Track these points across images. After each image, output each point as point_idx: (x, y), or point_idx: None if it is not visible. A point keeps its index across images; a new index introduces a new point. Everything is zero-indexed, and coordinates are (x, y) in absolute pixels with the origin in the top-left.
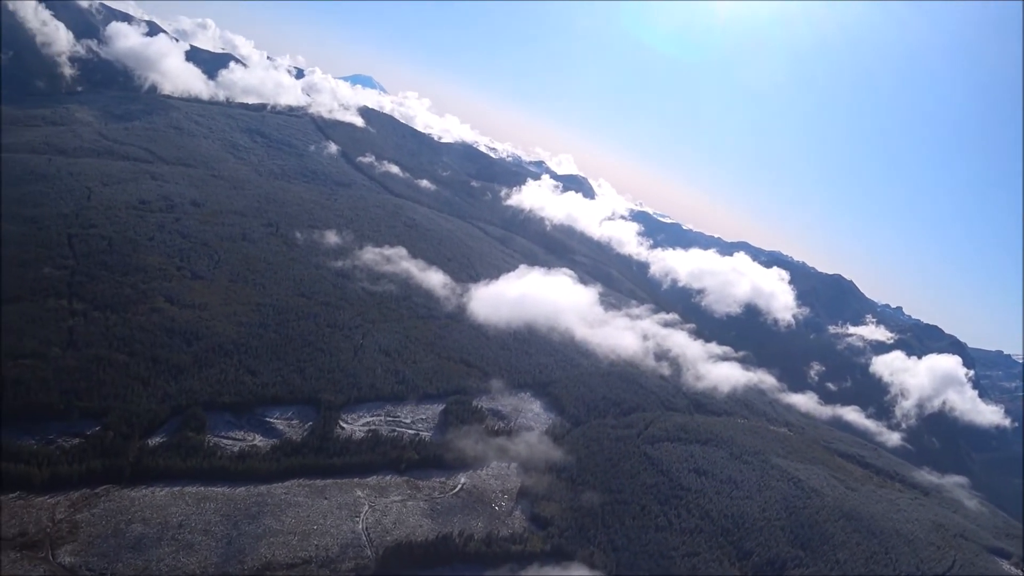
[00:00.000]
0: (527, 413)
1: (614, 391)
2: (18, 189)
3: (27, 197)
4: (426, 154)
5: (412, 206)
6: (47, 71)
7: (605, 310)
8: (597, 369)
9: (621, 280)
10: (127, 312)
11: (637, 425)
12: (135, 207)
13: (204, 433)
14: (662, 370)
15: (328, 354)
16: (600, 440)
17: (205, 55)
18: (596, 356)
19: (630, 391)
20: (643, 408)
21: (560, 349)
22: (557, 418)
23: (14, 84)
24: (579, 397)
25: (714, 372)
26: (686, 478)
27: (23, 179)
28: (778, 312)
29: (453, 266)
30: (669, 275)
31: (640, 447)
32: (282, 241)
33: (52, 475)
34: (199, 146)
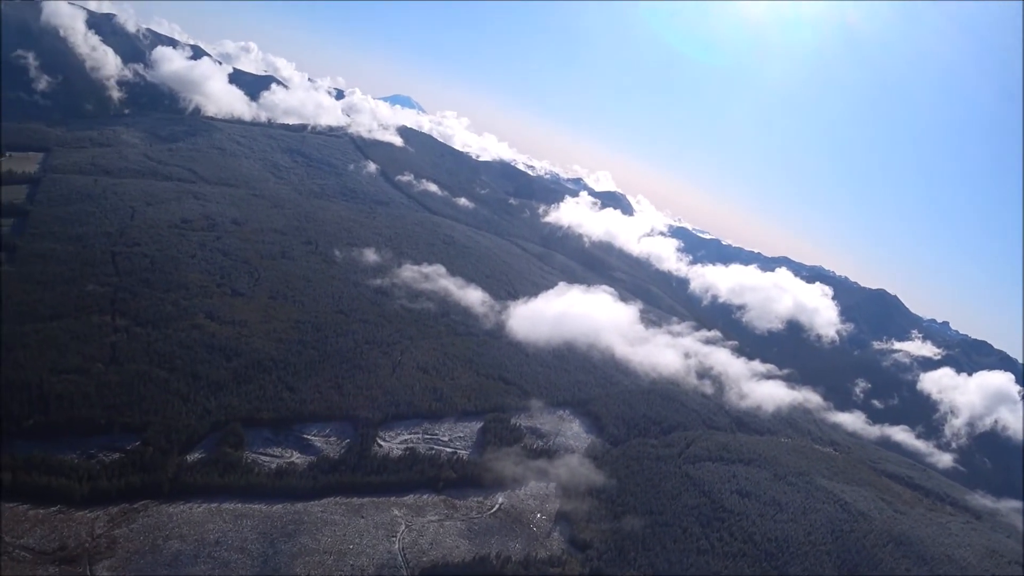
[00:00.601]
0: (566, 431)
1: (654, 409)
2: (65, 208)
3: (73, 216)
4: (464, 172)
5: (450, 224)
6: (96, 94)
7: (646, 327)
8: (637, 387)
9: (661, 296)
10: (168, 328)
11: (678, 444)
12: (177, 226)
13: (242, 449)
14: (704, 389)
15: (366, 371)
16: (640, 460)
17: (248, 77)
18: (636, 374)
19: (671, 409)
20: (684, 427)
21: (600, 367)
22: (596, 437)
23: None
24: (619, 415)
25: (758, 391)
26: (728, 499)
27: (70, 199)
28: (821, 328)
29: (491, 283)
30: (709, 291)
31: (681, 467)
32: (321, 259)
33: (92, 489)
34: (241, 166)
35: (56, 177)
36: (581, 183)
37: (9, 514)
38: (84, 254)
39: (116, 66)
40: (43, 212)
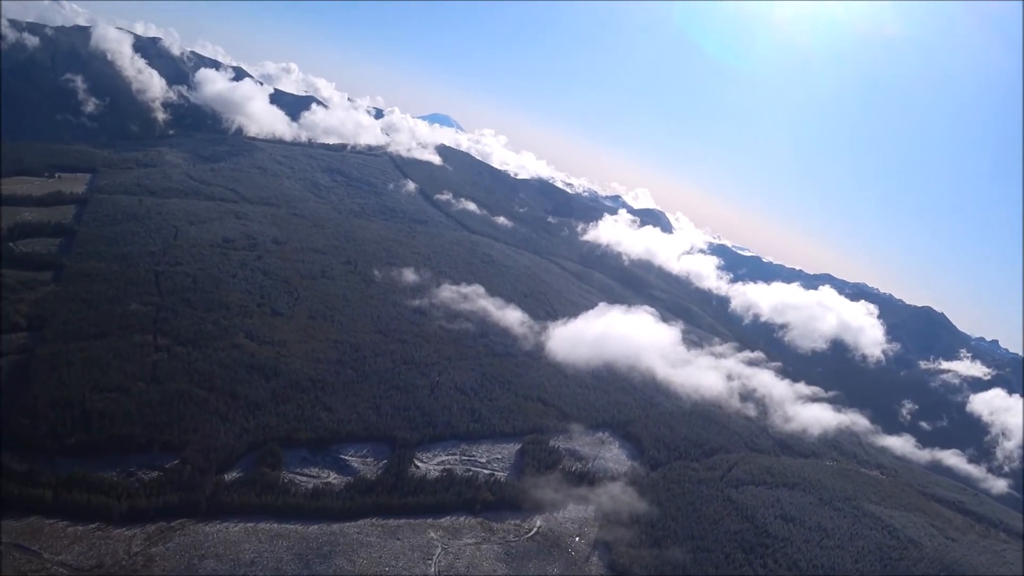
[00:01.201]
0: (605, 454)
1: (696, 431)
2: (110, 228)
3: (118, 236)
4: (502, 191)
5: (489, 243)
6: (142, 116)
7: (687, 348)
8: (678, 409)
9: (701, 315)
10: (208, 348)
11: (720, 467)
12: (219, 245)
13: (280, 469)
14: (748, 411)
15: (404, 391)
16: (681, 483)
17: (289, 98)
18: (678, 396)
19: (712, 431)
20: (726, 449)
21: (640, 388)
22: (636, 459)
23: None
24: (659, 437)
25: (803, 414)
26: (772, 525)
27: (116, 219)
28: (866, 348)
29: (530, 303)
30: (751, 310)
31: (723, 491)
32: (360, 278)
33: (130, 507)
34: (281, 185)
35: (102, 197)
36: (620, 200)
37: (49, 530)
38: (128, 273)
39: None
40: (89, 232)
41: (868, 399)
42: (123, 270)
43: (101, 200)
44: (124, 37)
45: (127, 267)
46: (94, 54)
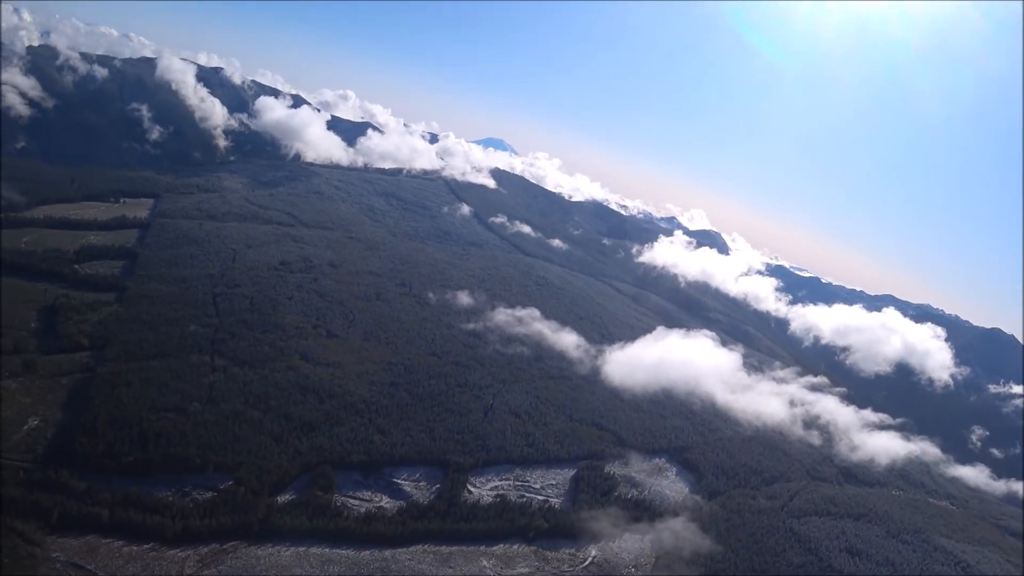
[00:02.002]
0: (662, 481)
1: (755, 458)
2: (171, 251)
3: (179, 259)
4: (557, 213)
5: (544, 265)
6: (204, 143)
7: (748, 374)
8: (738, 435)
9: (759, 338)
10: (264, 369)
11: (781, 496)
12: (276, 268)
13: (332, 492)
14: (812, 439)
15: (458, 415)
16: (741, 512)
17: (345, 124)
18: (738, 422)
19: (773, 458)
20: (787, 477)
21: (698, 413)
22: (694, 487)
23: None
24: (718, 464)
25: (870, 442)
26: (837, 558)
27: (177, 242)
28: (933, 371)
29: (585, 325)
30: (811, 332)
31: (785, 521)
32: (415, 301)
33: (184, 528)
34: (338, 209)
35: (164, 221)
36: (675, 222)
37: (104, 549)
38: (188, 295)
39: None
40: (151, 255)
41: (936, 425)
42: (183, 292)
43: (163, 224)
44: (188, 67)
45: (187, 289)
46: (159, 84)
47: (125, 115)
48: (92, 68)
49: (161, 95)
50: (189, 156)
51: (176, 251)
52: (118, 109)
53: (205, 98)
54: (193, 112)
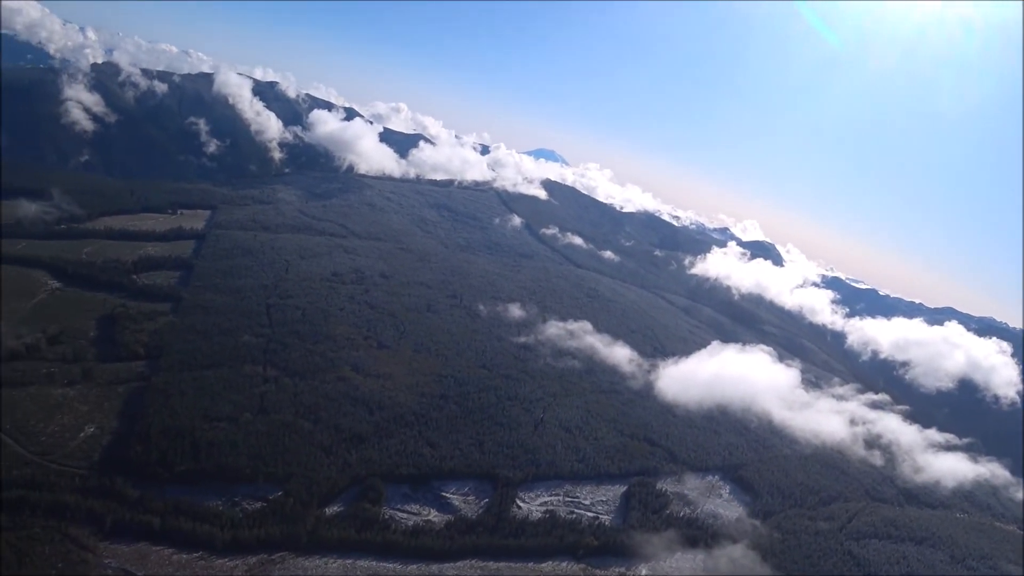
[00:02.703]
0: (715, 499)
1: (813, 477)
2: (226, 262)
3: (233, 270)
4: (608, 224)
5: (595, 277)
6: (259, 156)
7: (807, 391)
8: (794, 453)
9: (815, 352)
10: (315, 380)
11: (839, 517)
12: (328, 279)
13: (381, 505)
14: (873, 459)
15: (508, 428)
16: (796, 532)
17: (398, 136)
18: (795, 440)
19: (830, 478)
20: (845, 497)
21: (753, 430)
22: (748, 505)
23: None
24: (773, 482)
25: (936, 464)
26: None
27: (231, 253)
28: (999, 388)
29: (637, 338)
30: (869, 346)
31: (843, 544)
32: (466, 312)
33: (233, 538)
34: (389, 221)
35: (220, 233)
36: (728, 233)
37: (155, 557)
38: (241, 306)
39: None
40: (207, 266)
41: (1002, 445)
42: (237, 302)
43: (219, 235)
44: (244, 82)
45: (240, 300)
46: (217, 98)
47: (184, 129)
48: (152, 84)
49: (218, 109)
50: (245, 169)
51: (231, 262)
52: (177, 123)
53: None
54: (249, 125)
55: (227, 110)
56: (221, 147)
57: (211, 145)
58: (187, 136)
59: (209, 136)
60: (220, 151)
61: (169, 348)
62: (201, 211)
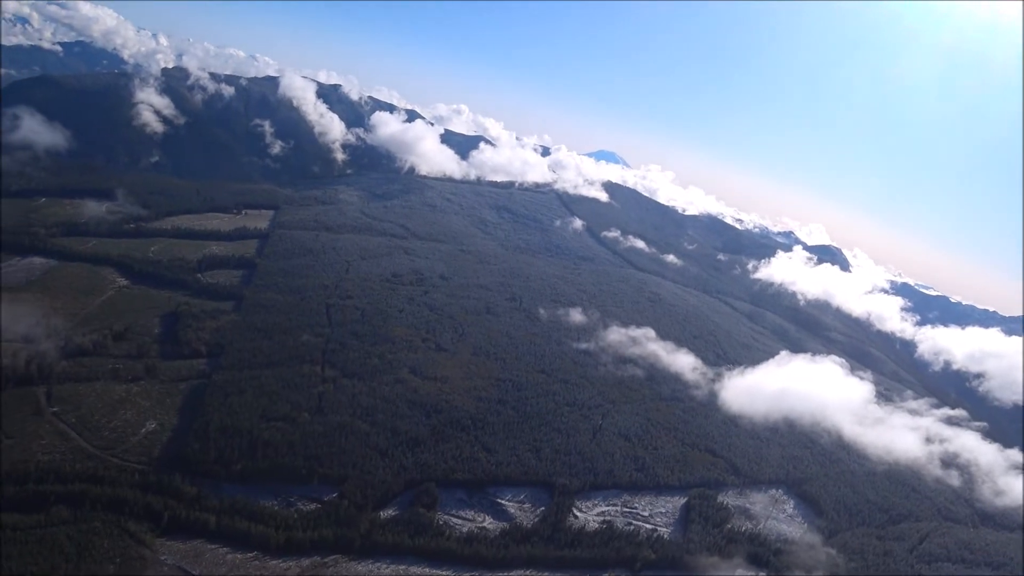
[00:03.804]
0: (778, 514)
1: (881, 495)
2: (288, 262)
3: (295, 269)
4: (670, 227)
5: (657, 281)
6: (322, 157)
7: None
8: (860, 467)
9: (883, 360)
10: (373, 381)
11: (909, 538)
12: (388, 280)
13: (435, 510)
14: (950, 480)
15: (565, 435)
16: (864, 552)
17: (459, 138)
18: (864, 456)
19: (901, 495)
20: (916, 516)
21: (819, 443)
22: (812, 521)
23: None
24: (839, 498)
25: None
26: None
27: (293, 253)
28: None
29: (699, 344)
30: (941, 356)
31: (914, 566)
32: (525, 316)
33: (287, 540)
34: (450, 222)
35: (283, 233)
36: (792, 236)
37: (210, 555)
38: (302, 305)
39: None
40: (269, 265)
41: None
42: (297, 302)
43: (281, 235)
44: (308, 85)
45: (301, 299)
46: (282, 101)
47: (249, 131)
48: (220, 87)
49: (283, 111)
50: (308, 170)
51: (293, 262)
52: (243, 125)
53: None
54: (313, 127)
55: (291, 112)
56: (285, 148)
57: (275, 146)
58: (252, 138)
59: (274, 138)
60: (284, 152)
61: (230, 346)
62: (265, 211)
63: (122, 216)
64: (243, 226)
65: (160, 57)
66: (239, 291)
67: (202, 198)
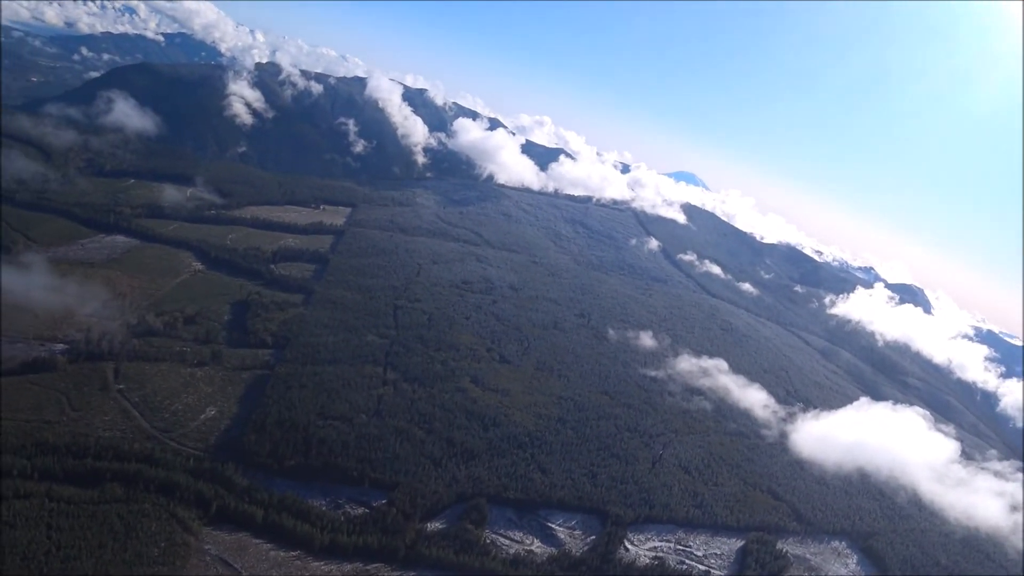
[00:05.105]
0: (839, 568)
1: (953, 559)
2: (360, 260)
3: (366, 268)
4: (747, 254)
5: (730, 308)
6: (403, 159)
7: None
8: (934, 528)
9: (962, 411)
10: (433, 388)
11: None
12: (458, 286)
13: (483, 527)
14: None
15: (624, 462)
16: None
17: (539, 149)
18: (942, 518)
19: (974, 562)
20: None
21: (889, 496)
22: None
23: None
24: (907, 559)
25: None
26: None
27: (366, 252)
28: None
29: (770, 379)
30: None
31: None
32: (592, 334)
33: (332, 542)
34: (524, 232)
35: (357, 231)
36: (873, 272)
37: (253, 550)
38: (370, 305)
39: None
40: (341, 262)
41: None
42: (365, 301)
43: (356, 233)
44: (395, 87)
45: (369, 299)
46: (368, 101)
47: (334, 128)
48: (309, 84)
49: (368, 112)
50: (388, 170)
51: (365, 260)
52: (328, 123)
53: (408, 116)
54: (396, 129)
55: (376, 113)
56: (367, 148)
57: (358, 145)
58: (336, 135)
59: (357, 137)
60: (366, 152)
61: (295, 340)
62: (342, 208)
63: (202, 202)
64: (320, 221)
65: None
66: (310, 285)
67: (283, 190)
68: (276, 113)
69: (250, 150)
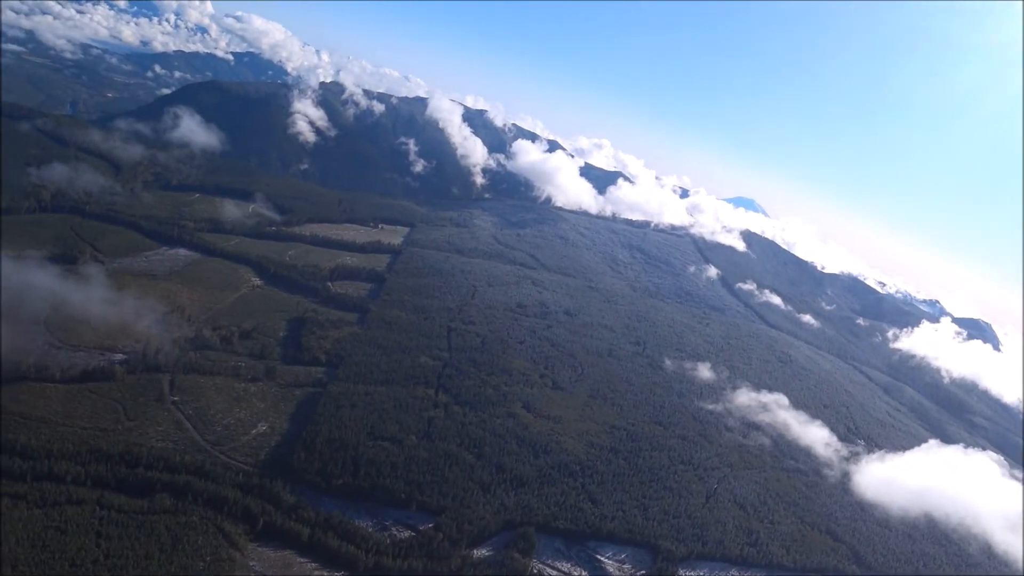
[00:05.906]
0: None
1: None
2: (416, 280)
3: (422, 289)
4: (807, 284)
5: (789, 340)
6: (462, 179)
7: None
8: None
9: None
10: (484, 412)
11: None
12: (512, 309)
13: (530, 557)
14: None
15: (676, 495)
16: None
17: (598, 172)
18: (1009, 564)
19: None
20: None
21: (956, 542)
22: None
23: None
24: None
25: None
26: None
27: (422, 272)
28: None
29: (830, 414)
30: None
31: None
32: (647, 363)
33: (376, 564)
34: (581, 256)
35: (414, 251)
36: (938, 306)
37: (298, 569)
38: (424, 326)
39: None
40: (397, 281)
41: None
42: (420, 322)
43: (413, 253)
44: (455, 108)
45: (424, 319)
46: (428, 121)
47: (394, 148)
48: (371, 104)
49: (428, 132)
50: (447, 190)
51: (421, 280)
52: (389, 142)
53: (468, 137)
54: (455, 149)
55: (436, 133)
56: (427, 167)
57: (418, 165)
58: (397, 155)
59: (417, 156)
60: (425, 171)
61: (349, 358)
62: (400, 227)
63: (263, 218)
64: (377, 240)
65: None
66: (365, 304)
67: (342, 208)
68: (338, 131)
69: (312, 167)
